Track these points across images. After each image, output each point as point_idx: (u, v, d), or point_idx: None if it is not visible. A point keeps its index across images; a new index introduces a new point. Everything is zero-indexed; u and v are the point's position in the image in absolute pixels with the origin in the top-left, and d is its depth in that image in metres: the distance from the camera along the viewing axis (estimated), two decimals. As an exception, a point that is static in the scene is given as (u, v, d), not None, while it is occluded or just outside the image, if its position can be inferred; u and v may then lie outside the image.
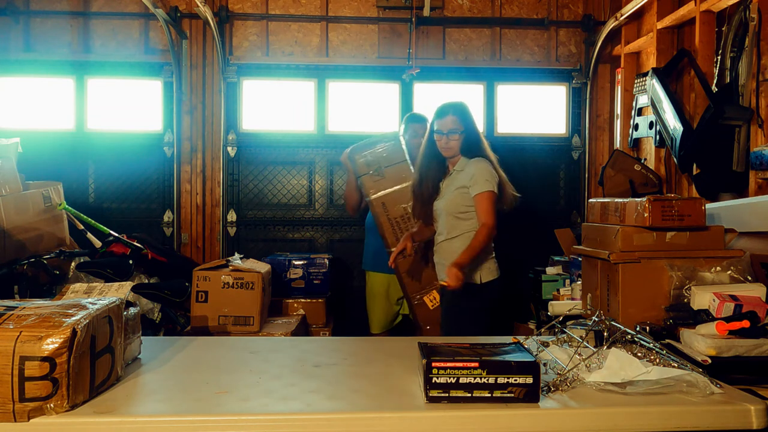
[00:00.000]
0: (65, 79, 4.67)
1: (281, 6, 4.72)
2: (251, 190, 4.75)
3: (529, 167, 4.62)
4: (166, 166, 4.67)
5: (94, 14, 4.65)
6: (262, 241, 4.75)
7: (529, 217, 3.03)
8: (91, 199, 4.67)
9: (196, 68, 4.63)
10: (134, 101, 4.73)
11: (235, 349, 2.00)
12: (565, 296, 3.47)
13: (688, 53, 3.71)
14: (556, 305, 3.26)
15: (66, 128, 4.67)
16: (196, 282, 3.42)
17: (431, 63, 4.70)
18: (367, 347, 2.01)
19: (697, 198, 2.34)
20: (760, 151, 3.00)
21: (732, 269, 2.18)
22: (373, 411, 1.43)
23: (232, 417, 1.39)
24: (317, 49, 4.74)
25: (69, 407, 1.35)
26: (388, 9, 4.72)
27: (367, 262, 3.94)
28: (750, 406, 1.44)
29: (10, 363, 1.31)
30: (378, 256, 3.71)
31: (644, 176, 3.97)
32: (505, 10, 4.79)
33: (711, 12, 3.56)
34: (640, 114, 4.29)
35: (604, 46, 4.65)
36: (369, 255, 3.91)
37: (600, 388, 1.53)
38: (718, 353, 1.75)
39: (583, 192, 4.84)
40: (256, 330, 3.39)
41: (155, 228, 4.66)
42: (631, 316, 2.15)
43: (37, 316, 1.39)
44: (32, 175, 3.92)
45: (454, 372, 1.42)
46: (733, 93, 3.26)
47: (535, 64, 4.82)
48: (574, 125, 4.87)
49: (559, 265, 3.92)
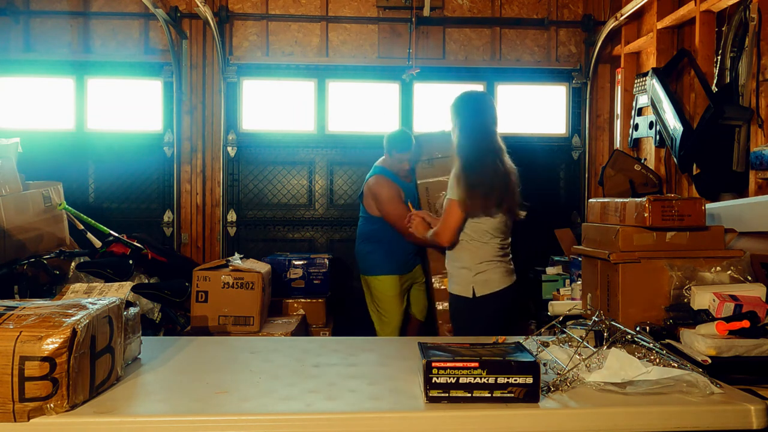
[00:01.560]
0: (65, 79, 4.67)
1: (281, 6, 4.72)
2: (251, 190, 4.75)
3: (529, 167, 4.59)
4: (166, 166, 4.67)
5: (94, 14, 4.65)
6: (262, 241, 4.75)
7: (529, 217, 2.99)
8: (91, 199, 4.67)
9: (196, 68, 4.63)
10: (134, 101, 4.74)
11: (235, 349, 2.00)
12: (565, 296, 3.47)
13: (688, 53, 3.71)
14: (556, 305, 3.26)
15: (66, 128, 4.68)
16: (196, 282, 3.42)
17: (431, 63, 4.70)
18: (367, 347, 2.01)
19: (697, 198, 2.34)
20: (760, 151, 3.00)
21: (732, 269, 2.17)
22: (373, 411, 1.43)
23: (232, 417, 1.39)
24: (317, 49, 4.74)
25: (69, 407, 1.35)
26: (388, 9, 4.72)
27: (374, 267, 3.82)
28: (750, 406, 1.44)
29: (10, 363, 1.31)
30: (390, 258, 3.76)
31: (644, 176, 3.97)
32: (505, 10, 4.80)
33: (711, 12, 3.56)
34: (640, 114, 4.29)
35: (604, 46, 4.65)
36: (377, 260, 3.81)
37: (600, 388, 1.53)
38: (718, 353, 1.75)
39: (583, 192, 4.84)
40: (256, 330, 3.39)
41: (155, 228, 4.66)
42: (631, 316, 2.15)
43: (37, 316, 1.39)
44: (32, 175, 3.92)
45: (454, 372, 1.42)
46: (733, 93, 3.25)
47: (535, 64, 4.82)
48: (574, 125, 4.87)
49: (559, 265, 3.92)
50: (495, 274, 2.79)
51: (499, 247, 2.81)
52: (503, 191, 2.75)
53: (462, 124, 2.83)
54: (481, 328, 2.78)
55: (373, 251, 3.82)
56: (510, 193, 2.78)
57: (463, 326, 2.88)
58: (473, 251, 2.79)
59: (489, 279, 2.78)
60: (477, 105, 2.89)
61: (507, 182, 2.77)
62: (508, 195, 2.77)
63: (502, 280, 2.80)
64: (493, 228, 2.78)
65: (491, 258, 2.79)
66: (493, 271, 2.79)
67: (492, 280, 2.78)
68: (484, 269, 2.78)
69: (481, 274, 2.78)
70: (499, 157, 2.78)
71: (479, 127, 2.81)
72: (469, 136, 2.80)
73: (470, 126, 2.82)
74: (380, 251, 3.78)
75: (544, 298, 3.75)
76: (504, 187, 2.75)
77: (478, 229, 2.79)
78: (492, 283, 2.78)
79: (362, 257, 3.88)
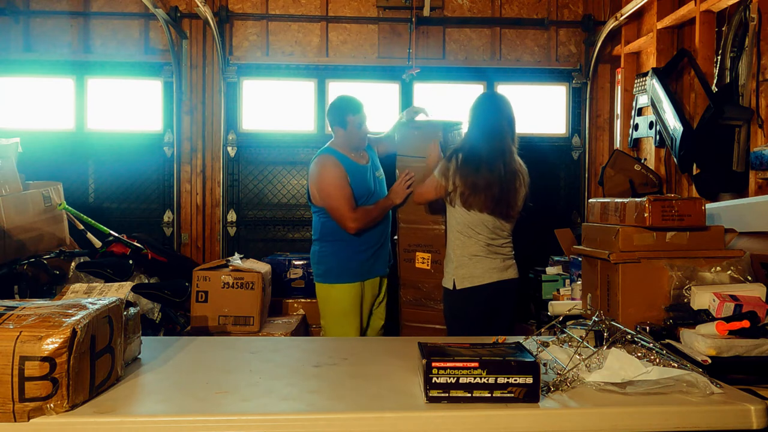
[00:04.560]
0: (65, 79, 4.67)
1: (281, 6, 4.72)
2: (251, 190, 4.75)
3: (529, 167, 4.60)
4: (166, 166, 4.67)
5: (94, 14, 4.65)
6: (262, 241, 4.75)
7: (529, 217, 2.99)
8: (91, 199, 4.67)
9: (196, 68, 4.63)
10: (134, 101, 4.74)
11: (235, 349, 2.00)
12: (565, 296, 3.47)
13: (688, 53, 3.71)
14: (556, 305, 3.26)
15: (66, 128, 4.68)
16: (196, 282, 3.43)
17: (431, 63, 4.70)
18: (367, 347, 2.01)
19: (697, 198, 2.34)
20: (760, 151, 3.00)
21: (732, 269, 2.17)
22: (373, 411, 1.43)
23: (232, 417, 1.39)
24: (317, 49, 4.74)
25: (69, 407, 1.35)
26: (388, 9, 4.72)
27: (329, 272, 3.25)
28: (750, 406, 1.44)
29: (10, 363, 1.31)
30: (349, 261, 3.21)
31: (644, 176, 3.96)
32: (505, 10, 4.80)
33: (711, 12, 3.56)
34: (640, 114, 4.29)
35: (604, 46, 4.65)
36: (331, 265, 3.24)
37: (600, 388, 1.53)
38: (718, 353, 1.75)
39: (583, 192, 4.84)
40: (256, 330, 3.39)
41: (155, 228, 4.66)
42: (631, 316, 2.14)
43: (37, 316, 1.39)
44: (32, 175, 3.93)
45: (454, 372, 1.42)
46: (733, 93, 3.26)
47: (535, 64, 4.82)
48: (574, 125, 4.87)
49: (559, 265, 3.92)
50: (478, 269, 2.82)
51: (487, 243, 2.83)
52: (497, 192, 2.77)
53: (470, 123, 2.92)
54: (462, 321, 2.85)
55: (328, 253, 3.26)
56: (505, 194, 2.79)
57: (448, 318, 2.95)
58: (458, 244, 2.85)
59: (470, 273, 2.82)
60: (486, 107, 2.95)
61: (503, 183, 2.79)
62: (504, 196, 2.79)
63: (486, 276, 2.82)
64: (479, 224, 2.81)
65: (476, 253, 2.82)
66: (476, 266, 2.82)
67: (474, 275, 2.82)
68: (466, 263, 2.83)
69: (462, 267, 2.83)
70: (503, 159, 2.81)
71: (485, 127, 2.86)
72: (471, 134, 2.89)
73: (476, 125, 2.89)
74: (337, 252, 3.23)
75: (544, 298, 3.74)
76: (499, 188, 2.78)
77: (463, 222, 2.83)
78: (473, 278, 2.82)
79: (315, 260, 3.33)
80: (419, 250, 3.32)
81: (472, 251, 2.82)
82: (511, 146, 2.86)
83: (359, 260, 3.22)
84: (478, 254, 2.82)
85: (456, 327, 2.88)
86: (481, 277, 2.82)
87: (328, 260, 3.25)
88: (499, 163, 2.79)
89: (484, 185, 2.76)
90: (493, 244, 2.84)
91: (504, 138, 2.84)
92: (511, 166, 2.83)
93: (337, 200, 3.15)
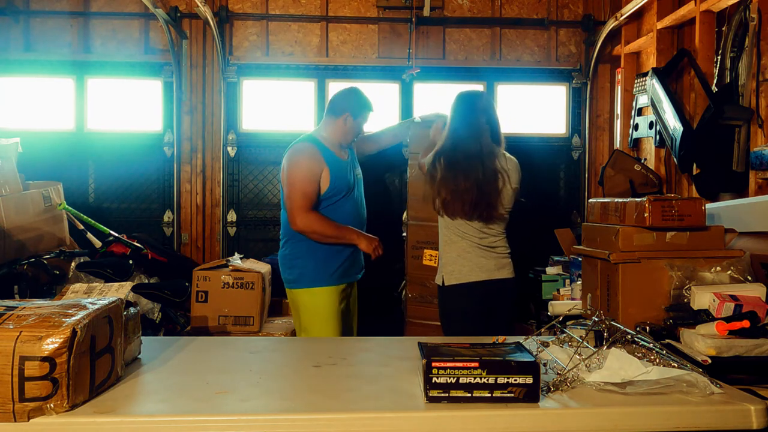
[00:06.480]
0: (65, 79, 4.67)
1: (281, 6, 4.72)
2: (251, 190, 4.75)
3: (529, 167, 4.59)
4: (166, 166, 4.67)
5: (94, 14, 4.65)
6: (262, 241, 4.74)
7: (529, 217, 2.99)
8: (91, 199, 4.67)
9: (196, 68, 4.63)
10: (134, 101, 4.73)
11: (235, 349, 2.00)
12: (565, 296, 3.47)
13: (688, 53, 3.71)
14: (556, 305, 3.26)
15: (66, 128, 4.67)
16: (196, 282, 3.43)
17: (431, 63, 4.70)
18: (367, 347, 2.01)
19: (697, 198, 2.34)
20: (760, 151, 3.00)
21: (732, 269, 2.17)
22: (373, 411, 1.43)
23: (232, 417, 1.39)
24: (317, 49, 4.74)
25: (69, 407, 1.35)
26: (388, 9, 4.72)
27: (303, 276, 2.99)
28: (750, 406, 1.44)
29: (10, 363, 1.31)
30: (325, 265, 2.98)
31: (644, 176, 3.96)
32: (505, 10, 4.80)
33: (711, 12, 3.56)
34: (640, 114, 4.29)
35: (604, 46, 4.65)
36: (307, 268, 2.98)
37: (600, 388, 1.53)
38: (718, 353, 1.75)
39: (583, 192, 4.84)
40: (256, 330, 3.40)
41: (155, 228, 4.66)
42: (631, 316, 2.15)
43: (37, 316, 1.39)
44: (32, 175, 3.93)
45: (454, 372, 1.42)
46: (733, 93, 3.26)
47: (535, 64, 4.82)
48: (574, 125, 4.87)
49: (559, 265, 3.92)
50: (465, 266, 2.81)
51: (476, 243, 2.82)
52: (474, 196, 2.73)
53: (449, 124, 2.88)
54: (453, 319, 2.85)
55: (302, 253, 3.00)
56: (485, 197, 2.74)
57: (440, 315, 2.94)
58: (447, 242, 2.86)
59: (458, 270, 2.81)
60: (461, 107, 2.90)
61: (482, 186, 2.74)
62: (482, 200, 2.74)
63: (474, 274, 2.80)
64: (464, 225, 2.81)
65: (465, 250, 2.82)
66: (464, 263, 2.81)
67: (461, 272, 2.81)
68: (454, 260, 2.83)
69: (450, 264, 2.84)
70: (481, 160, 2.75)
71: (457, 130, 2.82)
72: (447, 137, 2.84)
73: (451, 128, 2.85)
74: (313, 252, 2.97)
75: (544, 298, 3.74)
76: (477, 192, 2.73)
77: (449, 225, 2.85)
78: (461, 275, 2.81)
79: (286, 263, 3.06)
80: (427, 247, 3.37)
81: (460, 249, 2.82)
82: (491, 145, 2.80)
83: (338, 260, 3.00)
84: (467, 251, 2.81)
85: (447, 324, 2.88)
86: (469, 275, 2.79)
87: (302, 262, 2.98)
88: (476, 165, 2.74)
89: (462, 190, 2.73)
90: (482, 243, 2.83)
91: (481, 138, 2.78)
92: (491, 166, 2.76)
93: (297, 191, 2.91)
